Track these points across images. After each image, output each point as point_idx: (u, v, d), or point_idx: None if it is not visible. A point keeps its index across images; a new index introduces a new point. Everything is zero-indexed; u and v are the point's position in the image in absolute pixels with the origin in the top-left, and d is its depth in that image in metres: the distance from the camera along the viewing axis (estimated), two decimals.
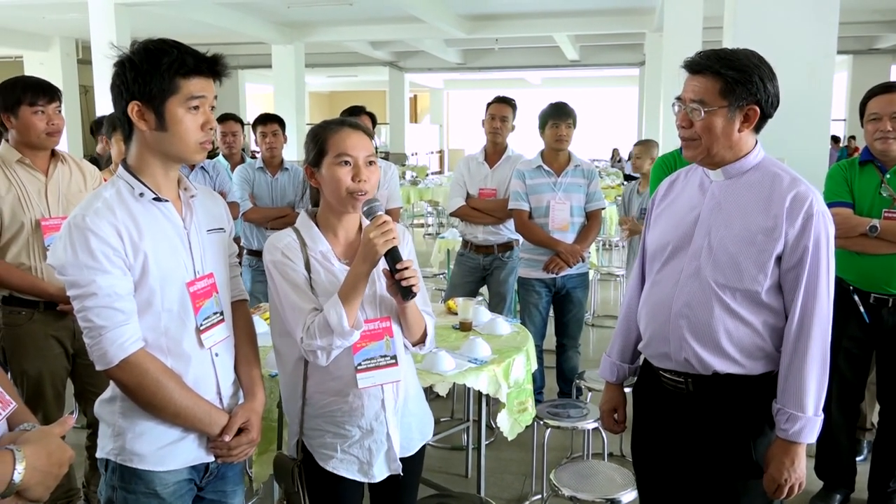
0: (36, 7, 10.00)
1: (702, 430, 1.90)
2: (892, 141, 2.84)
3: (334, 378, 1.83)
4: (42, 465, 1.19)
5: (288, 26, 12.86)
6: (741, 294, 1.81)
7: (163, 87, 1.56)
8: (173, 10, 9.64)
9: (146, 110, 1.57)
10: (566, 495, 2.39)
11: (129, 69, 1.56)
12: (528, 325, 3.85)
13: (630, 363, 2.15)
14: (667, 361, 1.93)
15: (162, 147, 1.62)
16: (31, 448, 1.19)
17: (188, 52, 1.59)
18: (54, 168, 2.69)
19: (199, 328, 1.67)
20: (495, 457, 3.71)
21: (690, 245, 1.87)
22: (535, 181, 3.92)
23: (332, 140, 1.83)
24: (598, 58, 17.56)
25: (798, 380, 1.78)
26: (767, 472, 1.82)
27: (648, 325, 1.98)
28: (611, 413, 2.19)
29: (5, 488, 1.14)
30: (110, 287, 1.54)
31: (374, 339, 1.83)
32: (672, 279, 1.89)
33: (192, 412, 1.64)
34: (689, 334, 1.85)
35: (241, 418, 1.72)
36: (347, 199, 1.81)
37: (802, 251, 1.77)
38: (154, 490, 1.64)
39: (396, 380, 1.87)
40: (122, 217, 1.57)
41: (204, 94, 1.61)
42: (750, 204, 1.82)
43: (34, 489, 1.18)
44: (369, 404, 1.85)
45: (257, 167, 4.31)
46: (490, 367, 2.67)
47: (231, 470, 1.82)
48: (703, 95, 1.79)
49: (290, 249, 1.82)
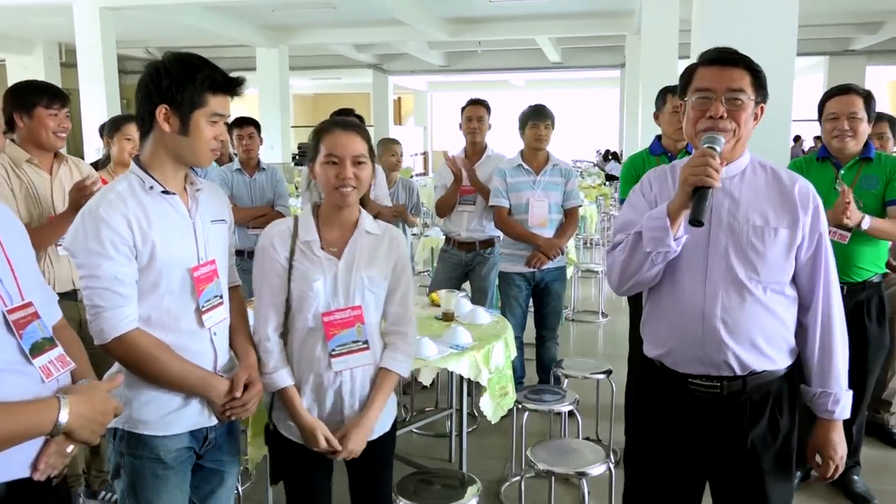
0: (19, 11, 10.05)
1: (734, 433, 1.88)
2: (848, 139, 3.04)
3: (308, 360, 2.01)
4: (86, 411, 1.39)
5: (272, 29, 12.97)
6: (771, 288, 1.82)
7: (193, 99, 1.73)
8: (158, 13, 9.72)
9: (172, 115, 1.74)
10: (541, 469, 2.55)
11: (165, 76, 1.73)
12: (509, 317, 4.02)
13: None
14: (698, 366, 1.87)
15: (179, 149, 1.78)
16: (77, 397, 1.39)
17: (219, 71, 1.77)
18: (58, 167, 2.84)
19: (202, 309, 1.83)
20: (478, 443, 3.88)
21: (710, 244, 1.83)
22: (515, 179, 4.09)
23: (323, 140, 2.01)
24: (579, 60, 17.77)
25: (831, 361, 1.85)
26: (823, 455, 1.90)
27: (673, 333, 1.90)
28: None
29: (52, 428, 1.34)
30: (113, 272, 1.69)
31: (345, 326, 2.00)
32: (697, 281, 1.83)
33: (187, 379, 1.80)
34: (727, 336, 1.81)
35: (243, 376, 1.89)
36: (334, 194, 1.98)
37: (818, 239, 1.83)
38: (158, 455, 1.81)
39: (369, 363, 2.04)
40: (133, 208, 1.73)
41: (224, 112, 1.80)
42: (764, 199, 1.83)
43: (79, 432, 1.39)
44: (338, 386, 2.01)
45: (235, 169, 4.44)
46: (470, 352, 2.84)
47: (228, 442, 1.98)
48: (744, 86, 1.78)
49: (280, 237, 2.02)
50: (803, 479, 3.38)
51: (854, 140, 3.03)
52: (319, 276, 1.98)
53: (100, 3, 8.66)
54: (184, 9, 9.85)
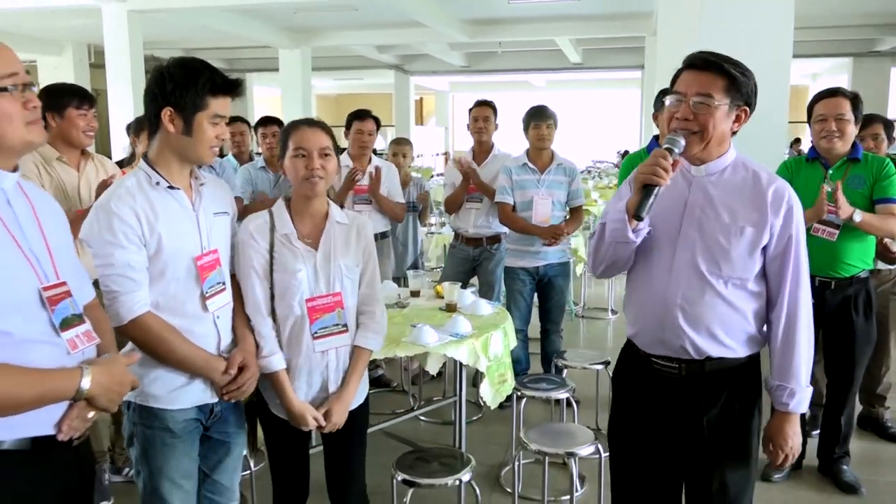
0: (50, 14, 10.35)
1: (693, 412, 1.99)
2: (835, 140, 3.17)
3: (298, 345, 2.19)
4: (105, 381, 1.56)
5: (295, 31, 13.19)
6: (732, 283, 1.92)
7: (196, 102, 1.90)
8: (184, 16, 9.96)
9: (176, 117, 1.91)
10: (533, 449, 2.71)
11: (168, 80, 1.90)
12: (514, 310, 4.19)
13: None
14: (660, 348, 2.00)
15: (182, 148, 1.96)
16: (99, 368, 1.56)
17: (218, 74, 1.94)
18: (85, 164, 3.05)
19: (205, 295, 2.01)
20: (482, 430, 4.06)
21: (679, 237, 1.95)
22: (520, 177, 4.24)
23: (292, 136, 2.20)
24: (600, 61, 17.76)
25: (791, 358, 1.93)
26: (774, 443, 2.00)
27: (641, 315, 2.05)
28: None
29: (75, 394, 1.51)
30: (125, 260, 1.88)
31: (327, 311, 2.19)
32: (664, 270, 1.96)
33: (192, 360, 1.98)
34: (685, 323, 1.93)
35: (238, 358, 2.07)
36: (304, 184, 2.17)
37: (787, 240, 1.90)
38: (167, 426, 1.99)
39: (347, 344, 2.24)
40: (140, 202, 1.91)
41: (224, 113, 1.97)
42: (736, 198, 1.92)
43: (99, 399, 1.56)
44: (324, 366, 2.21)
45: (259, 167, 4.62)
46: (469, 340, 3.00)
47: (233, 415, 2.17)
48: (711, 90, 1.86)
49: (259, 230, 2.19)
50: (794, 468, 3.50)
51: (841, 141, 3.15)
52: (301, 265, 2.17)
53: (128, 7, 8.90)
54: (209, 12, 10.09)
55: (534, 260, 4.26)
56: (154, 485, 2.00)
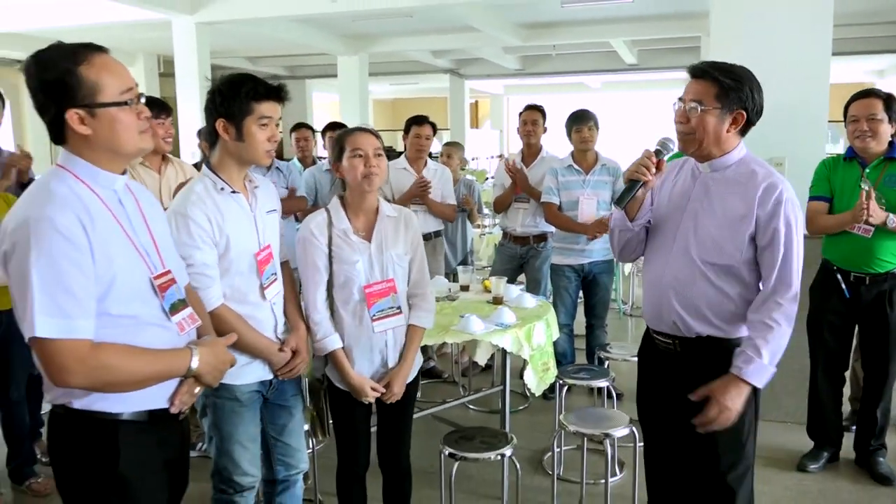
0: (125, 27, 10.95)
1: (688, 385, 2.13)
2: (868, 139, 3.27)
3: (359, 327, 2.45)
4: (211, 360, 1.78)
5: (353, 38, 13.57)
6: (720, 269, 2.12)
7: (242, 109, 2.15)
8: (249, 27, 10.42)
9: (229, 125, 2.17)
10: (571, 430, 2.91)
11: (218, 95, 2.17)
12: (560, 306, 4.39)
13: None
14: (659, 324, 2.26)
15: (239, 153, 2.22)
16: (205, 349, 1.78)
17: (260, 83, 2.19)
18: (165, 168, 3.38)
19: (263, 285, 2.28)
20: (529, 419, 4.27)
21: (679, 227, 2.18)
22: (566, 178, 4.43)
23: (348, 140, 2.45)
24: (655, 61, 17.61)
25: (760, 333, 2.05)
26: (712, 395, 2.04)
27: (646, 294, 2.32)
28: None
29: (186, 371, 1.73)
30: (203, 259, 2.14)
31: (382, 295, 2.46)
32: (663, 255, 2.22)
33: (255, 345, 2.26)
34: (676, 302, 2.17)
35: (292, 342, 2.35)
36: (363, 181, 2.42)
37: (773, 232, 2.04)
38: (235, 396, 2.28)
39: (402, 324, 2.50)
40: (210, 206, 2.17)
41: (271, 115, 2.20)
42: (730, 193, 2.11)
43: (205, 376, 1.78)
44: (382, 345, 2.47)
45: (325, 169, 4.89)
46: (513, 329, 3.22)
47: (290, 385, 2.45)
48: (702, 97, 2.08)
49: (318, 226, 2.45)
50: (830, 461, 3.60)
51: (875, 140, 3.25)
52: (357, 257, 2.43)
53: (196, 19, 9.38)
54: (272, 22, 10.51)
55: (579, 257, 4.44)
56: (225, 447, 2.30)
